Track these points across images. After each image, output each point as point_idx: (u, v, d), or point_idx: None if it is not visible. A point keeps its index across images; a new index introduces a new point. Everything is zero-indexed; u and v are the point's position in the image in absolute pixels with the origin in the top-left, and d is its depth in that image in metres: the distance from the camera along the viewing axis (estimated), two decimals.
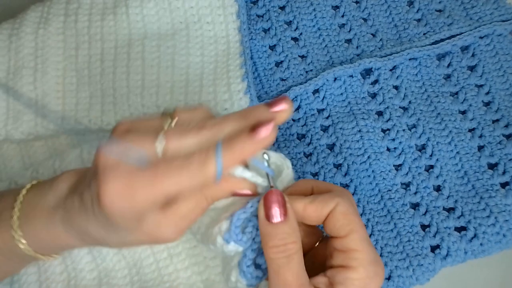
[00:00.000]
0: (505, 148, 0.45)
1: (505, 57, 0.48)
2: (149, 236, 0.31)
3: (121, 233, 0.32)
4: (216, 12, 0.50)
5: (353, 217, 0.31)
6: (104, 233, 0.32)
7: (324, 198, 0.32)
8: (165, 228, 0.31)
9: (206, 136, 0.31)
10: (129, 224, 0.31)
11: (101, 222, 0.32)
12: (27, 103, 0.29)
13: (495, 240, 0.42)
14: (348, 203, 0.32)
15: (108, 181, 0.29)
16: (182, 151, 0.30)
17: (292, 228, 0.31)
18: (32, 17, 0.50)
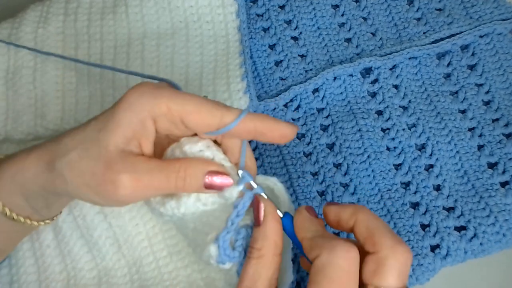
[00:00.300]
0: (505, 147, 0.45)
1: (505, 56, 0.48)
2: (103, 172, 0.32)
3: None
4: (216, 11, 0.50)
5: (322, 277, 0.28)
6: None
7: (318, 242, 0.30)
8: (125, 175, 0.32)
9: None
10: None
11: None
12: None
13: (495, 239, 0.42)
14: (332, 262, 0.28)
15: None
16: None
17: (260, 236, 0.32)
18: (31, 16, 0.50)
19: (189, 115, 0.32)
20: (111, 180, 0.31)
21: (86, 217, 0.42)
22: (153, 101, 0.32)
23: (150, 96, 0.32)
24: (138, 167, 0.32)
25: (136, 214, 0.42)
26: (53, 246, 0.42)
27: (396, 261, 0.28)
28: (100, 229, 0.42)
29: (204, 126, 0.33)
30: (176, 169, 0.32)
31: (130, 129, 0.32)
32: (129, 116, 0.32)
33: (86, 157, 0.32)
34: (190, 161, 0.33)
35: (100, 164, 0.32)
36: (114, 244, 0.42)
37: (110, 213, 0.42)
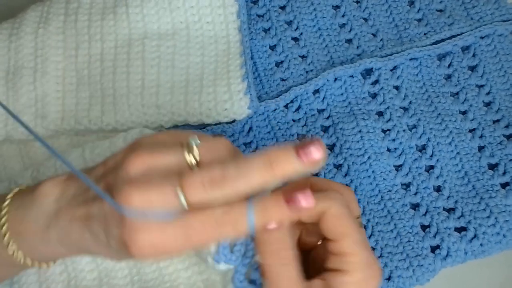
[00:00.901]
0: (506, 149, 0.45)
1: (506, 57, 0.48)
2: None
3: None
4: (217, 12, 0.50)
5: (345, 220, 0.31)
6: (113, 256, 0.32)
7: (318, 197, 0.31)
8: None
9: (231, 190, 0.28)
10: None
11: (115, 252, 0.31)
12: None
13: (495, 240, 0.42)
14: (340, 205, 0.31)
15: (139, 236, 0.28)
16: (206, 202, 0.28)
17: (285, 235, 0.31)
18: (32, 16, 0.50)
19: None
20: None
21: None
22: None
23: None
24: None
25: None
26: None
27: (353, 195, 0.35)
28: None
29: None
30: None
31: None
32: None
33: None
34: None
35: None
36: None
37: None
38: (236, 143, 0.46)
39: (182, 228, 0.28)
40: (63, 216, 0.32)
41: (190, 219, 0.28)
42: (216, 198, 0.28)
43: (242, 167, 0.28)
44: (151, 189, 0.28)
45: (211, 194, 0.28)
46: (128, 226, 0.28)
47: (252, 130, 0.47)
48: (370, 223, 0.43)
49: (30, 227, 0.33)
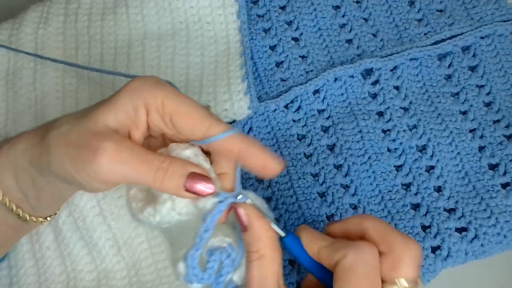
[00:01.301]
0: (506, 149, 0.45)
1: (506, 57, 0.48)
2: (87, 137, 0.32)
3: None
4: (217, 12, 0.50)
5: (351, 275, 0.29)
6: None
7: (339, 246, 0.31)
8: (108, 141, 0.32)
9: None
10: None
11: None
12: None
13: (495, 241, 0.42)
14: (358, 258, 0.30)
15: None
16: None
17: (253, 239, 0.31)
18: (32, 17, 0.50)
19: (178, 116, 0.32)
20: (93, 147, 0.31)
21: (86, 219, 0.42)
22: (151, 91, 0.32)
23: (149, 86, 0.32)
24: (122, 143, 0.31)
25: None
26: (53, 247, 0.42)
27: (411, 255, 0.31)
28: (100, 231, 0.42)
29: (190, 130, 0.32)
30: (161, 159, 0.32)
31: (123, 112, 0.32)
32: (125, 100, 0.32)
33: (75, 130, 0.32)
34: (176, 158, 0.32)
35: (86, 135, 0.31)
36: (114, 246, 0.42)
37: (110, 215, 0.42)
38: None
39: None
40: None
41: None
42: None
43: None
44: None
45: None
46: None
47: (252, 130, 0.47)
48: None
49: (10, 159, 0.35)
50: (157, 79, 0.33)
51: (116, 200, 0.42)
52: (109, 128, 0.32)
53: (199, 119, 0.32)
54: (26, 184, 0.35)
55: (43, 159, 0.33)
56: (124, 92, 0.33)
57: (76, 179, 0.32)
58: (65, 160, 0.32)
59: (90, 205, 0.42)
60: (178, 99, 0.32)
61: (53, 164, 0.33)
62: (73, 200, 0.42)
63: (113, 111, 0.32)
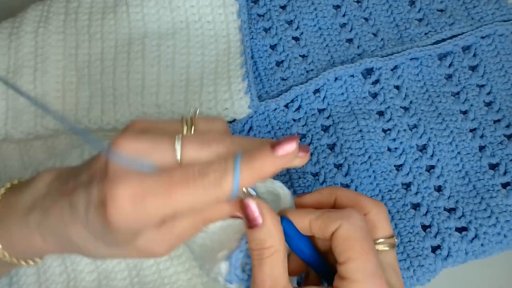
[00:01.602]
0: (506, 149, 0.45)
1: (507, 57, 0.48)
2: (140, 252, 0.30)
3: (111, 246, 0.30)
4: (217, 11, 0.50)
5: (354, 243, 0.30)
6: (91, 243, 0.30)
7: (330, 216, 0.31)
8: (158, 246, 0.30)
9: (225, 149, 0.29)
10: (126, 237, 0.29)
11: (93, 231, 0.30)
12: (29, 98, 0.28)
13: (496, 240, 0.42)
14: (351, 225, 0.30)
15: (119, 186, 0.27)
16: (198, 161, 0.28)
17: (267, 234, 0.30)
18: (32, 16, 0.50)
19: (189, 210, 0.29)
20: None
21: None
22: (153, 219, 0.28)
23: (149, 214, 0.28)
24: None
25: None
26: None
27: (384, 214, 0.33)
28: None
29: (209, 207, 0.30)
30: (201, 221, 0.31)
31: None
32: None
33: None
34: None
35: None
36: None
37: None
38: None
39: (163, 179, 0.27)
40: (51, 194, 0.32)
41: (172, 171, 0.28)
42: (208, 156, 0.29)
43: (238, 137, 0.30)
44: (145, 139, 0.28)
45: (206, 150, 0.29)
46: (109, 177, 0.27)
47: (253, 130, 0.47)
48: None
49: (14, 209, 0.33)
50: (141, 195, 0.28)
51: None
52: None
53: (208, 202, 0.29)
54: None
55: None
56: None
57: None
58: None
59: None
60: (171, 203, 0.28)
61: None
62: None
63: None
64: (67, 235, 0.31)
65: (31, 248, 0.33)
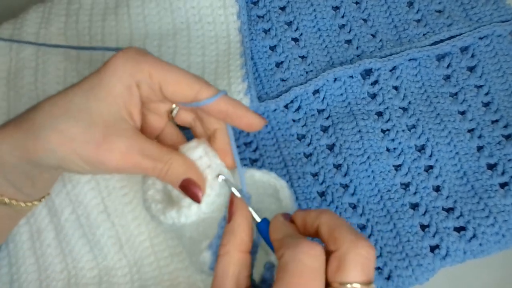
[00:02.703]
0: (504, 149, 0.45)
1: (505, 57, 0.48)
2: (100, 137, 0.32)
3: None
4: (217, 12, 0.50)
5: (284, 274, 0.28)
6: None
7: (284, 242, 0.30)
8: (122, 142, 0.33)
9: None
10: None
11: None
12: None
13: (494, 240, 0.42)
14: (293, 259, 0.28)
15: (127, 49, 0.34)
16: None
17: (229, 231, 0.32)
18: (33, 17, 0.50)
19: (168, 84, 0.33)
20: (108, 148, 0.32)
21: (90, 216, 0.42)
22: (136, 67, 0.33)
23: (133, 61, 0.33)
24: (133, 140, 0.33)
25: (139, 214, 0.42)
26: (54, 245, 0.42)
27: (357, 255, 0.27)
28: (103, 228, 0.42)
29: (181, 97, 0.34)
30: (164, 161, 0.34)
31: (120, 97, 0.33)
32: (117, 83, 0.33)
33: (76, 125, 0.32)
34: (177, 160, 0.34)
35: (96, 133, 0.32)
36: (116, 243, 0.42)
37: (114, 212, 0.42)
38: (237, 143, 0.47)
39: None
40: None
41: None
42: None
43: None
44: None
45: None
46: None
47: None
48: (370, 222, 0.43)
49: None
50: (137, 50, 0.34)
51: (120, 197, 0.42)
52: (114, 118, 0.32)
53: (188, 85, 0.34)
54: (17, 179, 0.35)
55: (43, 155, 0.33)
56: (111, 75, 0.33)
57: (80, 170, 0.34)
58: (74, 157, 0.32)
59: (95, 202, 0.42)
60: (163, 68, 0.33)
61: (58, 160, 0.33)
62: (77, 197, 0.42)
63: (110, 100, 0.33)
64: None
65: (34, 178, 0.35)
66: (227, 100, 0.35)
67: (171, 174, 0.34)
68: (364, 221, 0.43)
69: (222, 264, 0.31)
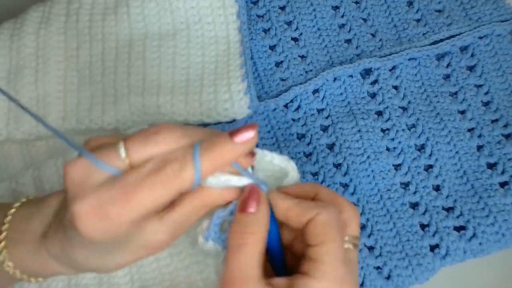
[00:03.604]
0: (504, 148, 0.45)
1: (504, 57, 0.48)
2: (145, 247, 0.30)
3: (114, 252, 0.31)
4: (217, 12, 0.50)
5: (331, 229, 0.31)
6: (93, 257, 0.31)
7: (310, 204, 0.32)
8: (162, 235, 0.30)
9: (178, 140, 0.29)
10: (118, 241, 0.29)
11: (85, 245, 0.30)
12: (24, 108, 0.29)
13: (494, 239, 0.42)
14: (331, 216, 0.31)
15: (77, 203, 0.27)
16: (151, 158, 0.28)
17: (255, 222, 0.31)
18: (33, 17, 0.50)
19: (153, 208, 0.29)
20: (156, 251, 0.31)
21: None
22: (120, 229, 0.29)
23: (115, 227, 0.28)
24: (169, 228, 0.30)
25: None
26: None
27: (357, 216, 0.34)
28: None
29: (174, 197, 0.30)
30: (200, 205, 0.31)
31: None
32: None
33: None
34: (208, 193, 0.31)
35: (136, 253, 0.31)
36: None
37: None
38: None
39: (118, 185, 0.27)
40: (55, 221, 0.33)
41: (125, 175, 0.28)
42: (160, 151, 0.28)
43: (188, 128, 0.30)
44: (98, 151, 0.29)
45: (154, 146, 0.28)
46: (69, 196, 0.28)
47: None
48: (370, 222, 0.43)
49: (26, 235, 0.33)
50: (102, 209, 0.28)
51: None
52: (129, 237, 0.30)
53: (170, 194, 0.29)
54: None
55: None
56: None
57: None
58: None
59: None
60: (138, 204, 0.28)
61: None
62: None
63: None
64: (71, 255, 0.31)
65: (45, 270, 0.34)
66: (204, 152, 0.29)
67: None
68: (364, 221, 0.43)
69: (251, 252, 0.30)
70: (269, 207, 0.32)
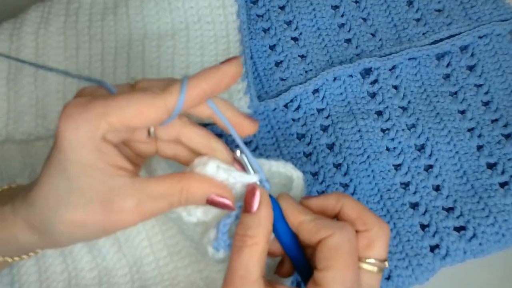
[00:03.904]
0: (504, 148, 0.45)
1: (504, 56, 0.48)
2: (104, 205, 0.30)
3: (71, 196, 0.30)
4: (216, 12, 0.50)
5: (341, 254, 0.30)
6: (52, 195, 0.31)
7: (325, 223, 0.31)
8: (128, 202, 0.30)
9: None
10: (83, 172, 0.29)
11: (48, 182, 0.31)
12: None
13: (494, 239, 0.42)
14: (344, 239, 0.30)
15: (67, 106, 0.30)
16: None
17: (255, 223, 0.31)
18: (33, 17, 0.50)
19: (132, 121, 0.30)
20: (118, 214, 0.30)
21: None
22: (88, 127, 0.29)
23: (83, 124, 0.29)
24: (138, 194, 0.30)
25: None
26: None
27: (384, 235, 0.32)
28: None
29: (153, 122, 0.31)
30: (178, 191, 0.31)
31: (96, 163, 0.30)
32: (83, 156, 0.30)
33: (76, 211, 0.30)
34: (193, 182, 0.31)
35: (97, 208, 0.30)
36: (115, 244, 0.42)
37: None
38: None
39: (110, 97, 0.30)
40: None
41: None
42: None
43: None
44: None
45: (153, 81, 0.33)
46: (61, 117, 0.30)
47: None
48: None
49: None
50: (77, 106, 0.30)
51: None
52: (105, 184, 0.30)
53: (151, 109, 0.30)
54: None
55: (54, 245, 0.33)
56: (71, 149, 0.29)
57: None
58: (86, 236, 0.32)
59: None
60: (118, 109, 0.30)
61: (67, 243, 0.33)
62: None
63: (89, 170, 0.30)
64: (33, 204, 0.31)
65: (13, 241, 0.33)
66: (195, 82, 0.31)
67: (192, 198, 0.31)
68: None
69: (249, 255, 0.30)
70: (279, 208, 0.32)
